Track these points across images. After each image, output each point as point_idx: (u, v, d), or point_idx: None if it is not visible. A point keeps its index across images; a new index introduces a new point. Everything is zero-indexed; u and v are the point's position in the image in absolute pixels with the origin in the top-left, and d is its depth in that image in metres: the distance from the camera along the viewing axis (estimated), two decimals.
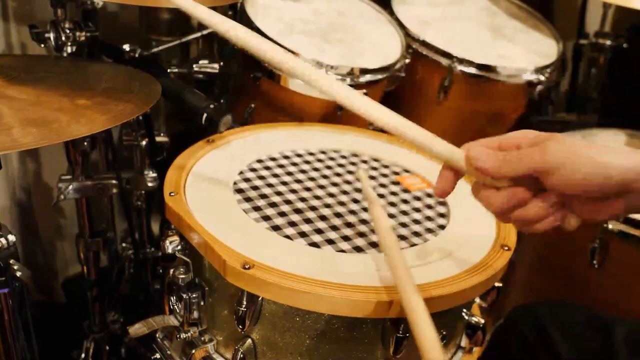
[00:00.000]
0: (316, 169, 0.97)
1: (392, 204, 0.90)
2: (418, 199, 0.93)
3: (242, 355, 0.73)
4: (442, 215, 0.89)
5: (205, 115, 0.98)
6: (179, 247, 0.80)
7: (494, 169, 0.61)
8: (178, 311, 0.80)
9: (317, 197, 0.89)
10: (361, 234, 0.81)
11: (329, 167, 0.98)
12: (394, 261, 0.68)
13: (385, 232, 0.73)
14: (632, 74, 1.84)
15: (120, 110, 0.86)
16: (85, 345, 1.38)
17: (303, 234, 0.79)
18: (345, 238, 0.79)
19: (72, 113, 0.83)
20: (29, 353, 0.98)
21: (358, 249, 0.77)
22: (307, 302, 0.68)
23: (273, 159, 0.98)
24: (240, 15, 1.35)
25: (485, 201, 0.64)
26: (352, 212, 0.86)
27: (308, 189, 0.91)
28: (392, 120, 0.67)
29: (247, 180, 0.90)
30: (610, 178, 0.56)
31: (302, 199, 0.87)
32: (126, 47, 1.18)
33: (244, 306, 0.70)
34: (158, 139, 1.27)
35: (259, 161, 0.96)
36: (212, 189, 0.86)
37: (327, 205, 0.87)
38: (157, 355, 0.85)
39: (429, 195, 0.94)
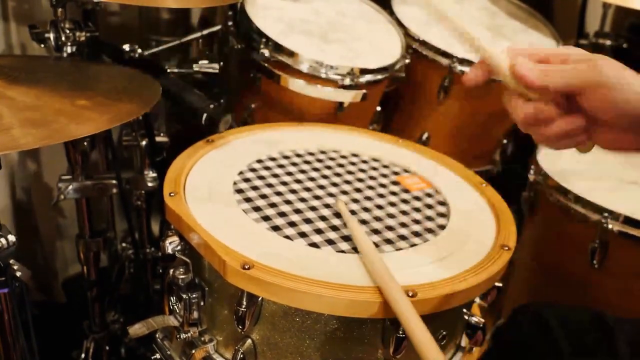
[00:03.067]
0: (316, 169, 0.97)
1: (392, 204, 0.90)
2: (418, 199, 0.93)
3: (242, 356, 0.73)
4: (442, 215, 0.89)
5: (205, 115, 0.98)
6: (179, 248, 0.80)
7: (538, 79, 0.60)
8: (178, 311, 0.80)
9: (317, 198, 0.89)
10: None
11: (329, 167, 0.98)
12: (377, 271, 0.69)
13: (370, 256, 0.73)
14: None
15: (120, 111, 0.86)
16: (85, 345, 1.38)
17: (303, 234, 0.79)
18: (345, 238, 0.79)
19: (72, 113, 0.83)
20: (29, 353, 0.98)
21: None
22: (307, 302, 0.68)
23: (273, 159, 0.98)
24: (240, 15, 1.35)
25: (514, 110, 0.63)
26: (352, 212, 0.86)
27: (308, 189, 0.91)
28: None
29: (247, 180, 0.90)
30: None
31: (302, 199, 0.87)
32: (126, 47, 1.18)
33: (243, 306, 0.70)
34: (158, 139, 1.27)
35: (259, 161, 0.96)
36: (212, 189, 0.86)
37: (327, 206, 0.87)
38: (157, 356, 0.85)
39: (429, 195, 0.94)
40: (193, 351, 0.78)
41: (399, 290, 0.65)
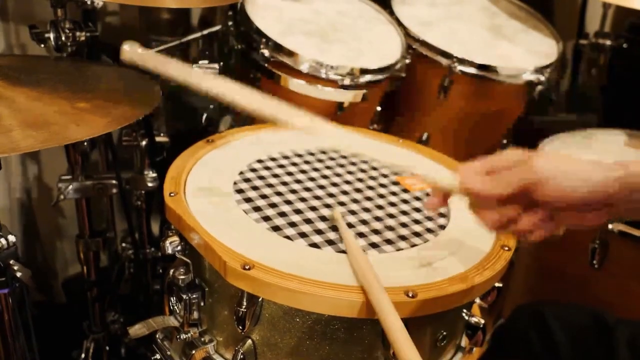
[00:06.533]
0: (316, 169, 0.97)
1: (392, 204, 0.90)
2: (418, 199, 0.93)
3: (242, 356, 0.73)
4: (442, 215, 0.89)
5: (205, 115, 0.98)
6: (179, 248, 0.80)
7: (488, 192, 0.65)
8: (178, 312, 0.80)
9: (317, 198, 0.89)
10: (361, 235, 0.81)
11: (329, 167, 0.98)
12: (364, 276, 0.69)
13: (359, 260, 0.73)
14: (632, 74, 1.84)
15: (119, 113, 0.86)
16: (85, 345, 1.38)
17: (303, 235, 0.79)
18: None
19: (71, 116, 0.83)
20: (29, 353, 0.98)
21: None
22: (307, 302, 0.68)
23: (273, 159, 0.98)
24: (240, 15, 1.35)
25: (483, 219, 0.69)
26: (352, 212, 0.86)
27: (308, 190, 0.90)
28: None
29: (247, 180, 0.90)
30: (593, 192, 0.62)
31: (302, 200, 0.87)
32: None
33: (244, 307, 0.70)
34: (158, 139, 1.27)
35: (259, 161, 0.96)
36: (212, 189, 0.86)
37: (327, 206, 0.87)
38: (157, 356, 0.85)
39: (429, 196, 0.94)
40: (193, 351, 0.78)
41: (381, 290, 0.65)
